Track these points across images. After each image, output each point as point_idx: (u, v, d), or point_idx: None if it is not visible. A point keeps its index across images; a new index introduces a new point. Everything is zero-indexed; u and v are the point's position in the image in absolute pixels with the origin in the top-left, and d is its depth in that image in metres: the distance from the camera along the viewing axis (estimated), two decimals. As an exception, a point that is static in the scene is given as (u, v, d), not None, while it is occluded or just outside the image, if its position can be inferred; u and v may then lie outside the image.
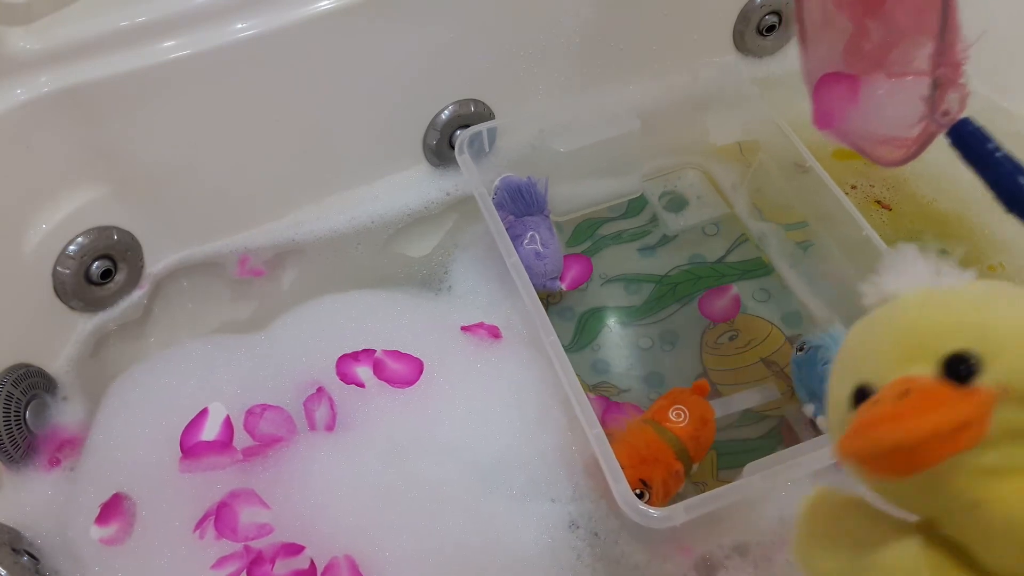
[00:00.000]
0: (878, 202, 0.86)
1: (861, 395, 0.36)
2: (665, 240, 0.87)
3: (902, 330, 0.36)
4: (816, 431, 0.71)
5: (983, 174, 0.57)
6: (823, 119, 0.65)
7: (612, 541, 0.65)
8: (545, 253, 0.75)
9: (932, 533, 0.36)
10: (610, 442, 0.60)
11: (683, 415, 0.66)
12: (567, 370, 0.63)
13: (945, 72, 0.56)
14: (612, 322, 0.81)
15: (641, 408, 0.73)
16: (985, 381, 0.32)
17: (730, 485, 0.58)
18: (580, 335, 0.80)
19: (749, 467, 0.60)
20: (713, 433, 0.67)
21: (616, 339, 0.79)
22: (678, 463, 0.64)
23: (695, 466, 0.67)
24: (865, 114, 0.63)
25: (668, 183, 0.90)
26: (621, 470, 0.58)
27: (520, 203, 0.76)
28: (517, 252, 0.72)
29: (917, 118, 0.58)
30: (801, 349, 0.70)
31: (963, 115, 0.57)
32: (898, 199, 0.87)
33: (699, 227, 0.87)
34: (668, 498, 0.64)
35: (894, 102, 0.60)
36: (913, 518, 0.38)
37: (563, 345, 0.78)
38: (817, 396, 0.69)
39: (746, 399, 0.74)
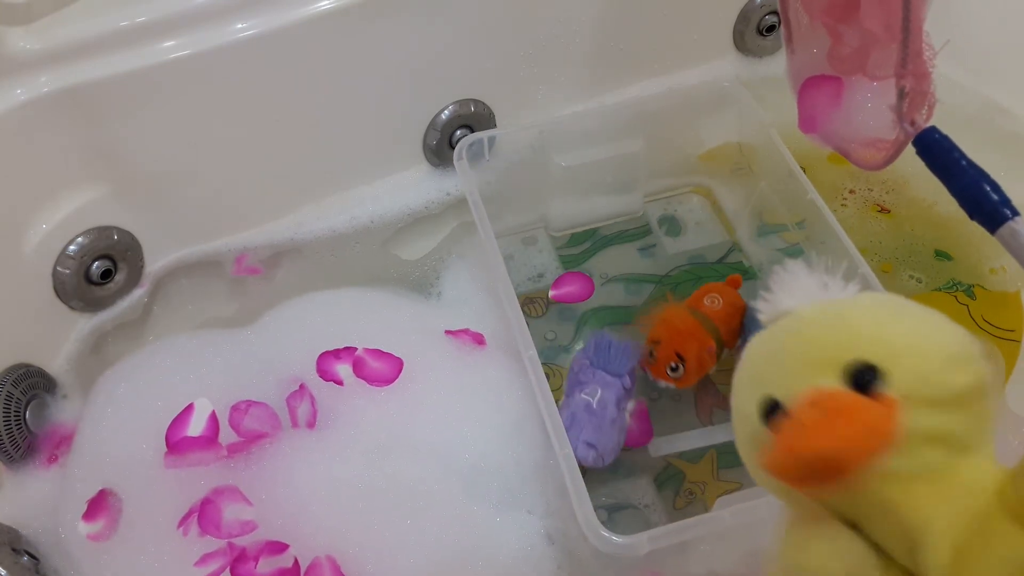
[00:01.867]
0: (877, 206, 0.85)
1: (770, 408, 0.38)
2: (664, 243, 0.86)
3: (804, 344, 0.37)
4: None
5: (948, 182, 0.57)
6: (807, 123, 0.65)
7: (586, 561, 0.65)
8: (598, 412, 0.66)
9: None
10: (650, 322, 0.68)
11: (716, 301, 0.72)
12: (543, 386, 0.63)
13: (910, 82, 0.57)
14: (613, 322, 0.80)
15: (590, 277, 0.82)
16: (885, 390, 0.34)
17: (697, 518, 0.57)
18: (581, 335, 0.80)
19: (720, 500, 0.60)
20: (741, 324, 0.73)
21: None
22: (711, 340, 0.69)
23: (726, 351, 0.72)
24: (848, 116, 0.63)
25: (670, 205, 0.89)
26: (587, 495, 0.57)
27: (602, 355, 0.69)
28: (569, 398, 0.67)
29: (895, 124, 0.59)
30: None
31: (930, 123, 0.58)
32: (898, 203, 0.85)
33: (699, 251, 0.86)
34: (702, 374, 0.70)
35: (876, 104, 0.61)
36: None
37: (563, 345, 0.78)
38: None
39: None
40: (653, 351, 0.69)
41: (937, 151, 0.58)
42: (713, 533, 0.58)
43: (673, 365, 0.68)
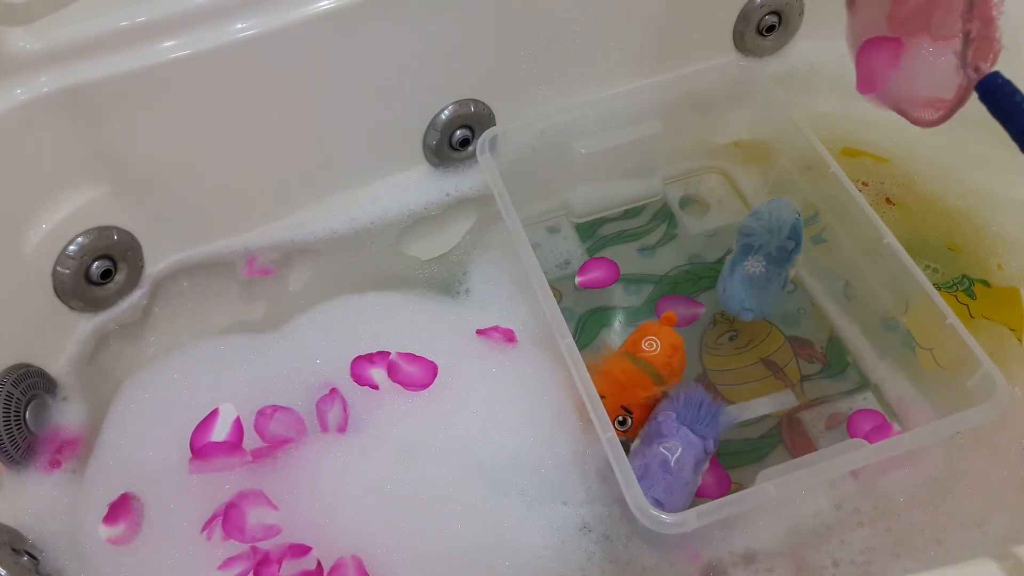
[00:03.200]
0: (887, 199, 0.86)
1: None
2: (665, 240, 0.87)
3: None
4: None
5: (1010, 125, 0.57)
6: (866, 83, 0.65)
7: (623, 545, 0.65)
8: (674, 471, 0.62)
9: None
10: (591, 375, 0.64)
11: (655, 344, 0.70)
12: (582, 373, 0.63)
13: (976, 26, 0.56)
14: (612, 322, 0.81)
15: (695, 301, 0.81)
16: None
17: (743, 492, 0.58)
18: (580, 335, 0.80)
19: (763, 474, 0.61)
20: (684, 360, 0.71)
21: (616, 339, 0.79)
22: (655, 387, 0.68)
23: (670, 389, 0.70)
24: (908, 77, 0.63)
25: (689, 187, 0.90)
26: (635, 476, 0.58)
27: (692, 413, 0.65)
28: (646, 447, 0.65)
29: (957, 79, 0.58)
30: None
31: (993, 69, 0.57)
32: (906, 197, 0.86)
33: (718, 231, 0.87)
34: (647, 419, 0.68)
35: (937, 64, 0.60)
36: None
37: (563, 345, 0.79)
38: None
39: (763, 405, 0.75)
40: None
41: (1000, 95, 0.57)
42: (755, 508, 0.59)
43: (621, 419, 0.67)
